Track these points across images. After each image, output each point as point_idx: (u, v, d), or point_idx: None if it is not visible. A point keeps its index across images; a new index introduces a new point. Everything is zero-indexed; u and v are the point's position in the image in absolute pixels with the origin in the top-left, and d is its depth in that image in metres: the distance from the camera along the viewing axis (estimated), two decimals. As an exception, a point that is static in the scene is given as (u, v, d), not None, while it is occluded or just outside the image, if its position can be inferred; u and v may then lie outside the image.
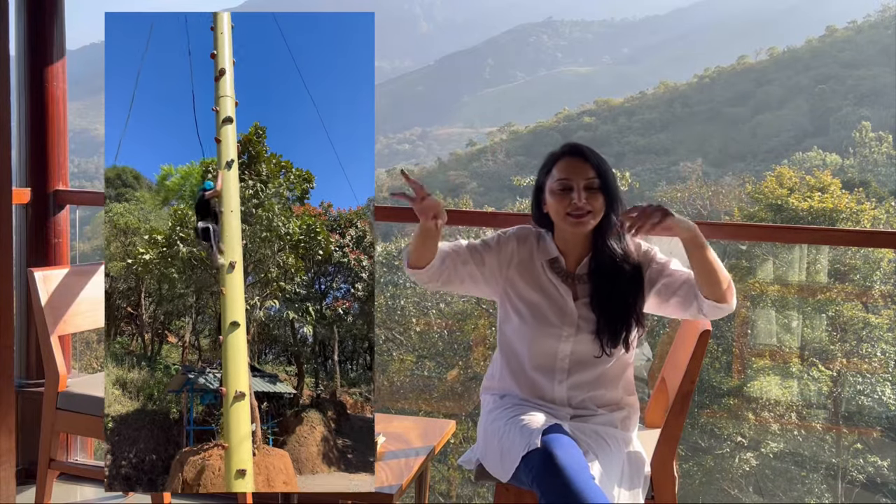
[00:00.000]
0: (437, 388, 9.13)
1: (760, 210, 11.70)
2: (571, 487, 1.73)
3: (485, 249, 2.14)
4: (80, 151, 77.33)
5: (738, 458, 8.40)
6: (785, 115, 51.70)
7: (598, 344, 2.06)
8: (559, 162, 2.07)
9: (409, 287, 9.72)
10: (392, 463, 2.20)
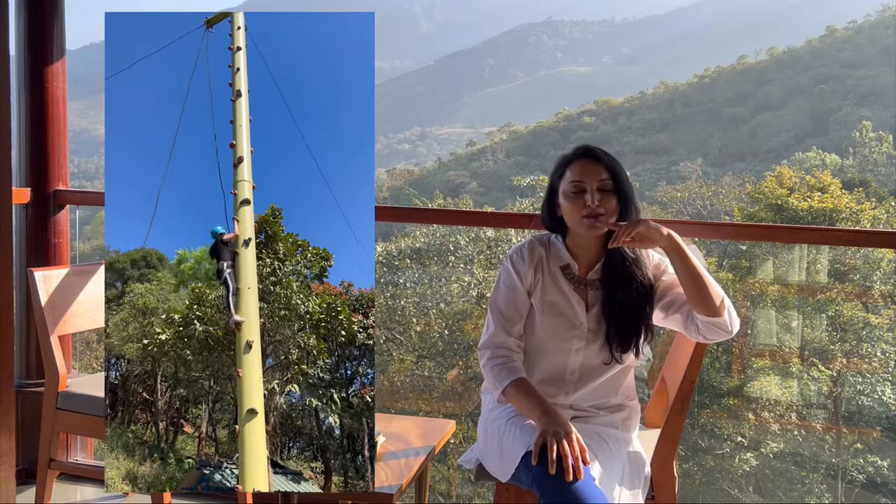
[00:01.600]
0: (437, 388, 9.13)
1: (760, 210, 11.70)
2: (571, 487, 1.73)
3: (517, 303, 2.08)
4: (80, 151, 77.33)
5: (738, 458, 8.40)
6: (785, 115, 51.69)
7: (608, 351, 2.06)
8: (572, 164, 2.06)
9: (409, 287, 9.73)
10: (392, 463, 2.20)
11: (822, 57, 57.90)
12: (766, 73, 58.54)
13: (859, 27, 61.15)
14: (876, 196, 15.12)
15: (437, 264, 9.78)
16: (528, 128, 59.82)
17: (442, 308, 9.48)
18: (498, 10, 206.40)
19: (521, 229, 7.55)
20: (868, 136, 36.48)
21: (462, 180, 46.64)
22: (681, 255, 1.93)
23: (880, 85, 50.44)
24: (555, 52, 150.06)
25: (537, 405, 1.91)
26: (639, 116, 56.09)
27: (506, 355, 2.04)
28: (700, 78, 62.02)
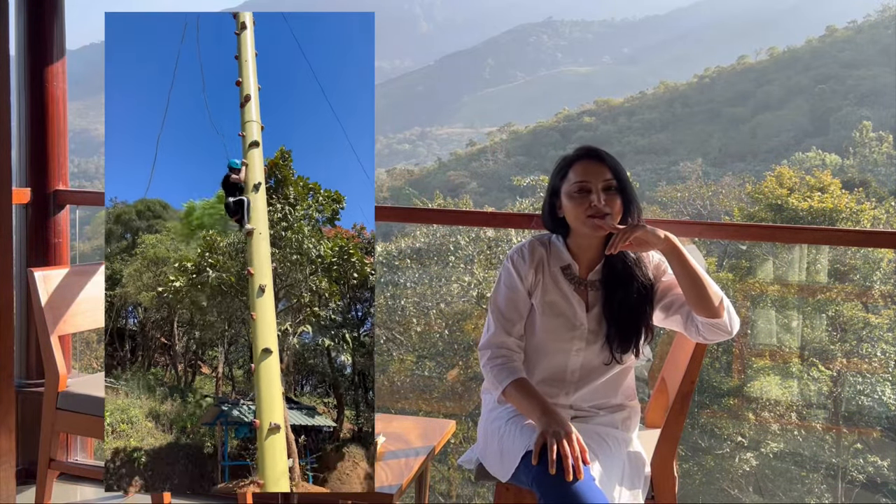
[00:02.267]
0: (437, 388, 9.13)
1: (760, 210, 11.69)
2: (571, 488, 1.73)
3: (518, 303, 2.08)
4: (80, 151, 77.34)
5: (738, 458, 8.40)
6: (785, 115, 51.69)
7: (608, 351, 2.06)
8: (575, 165, 2.05)
9: (409, 287, 9.73)
10: (392, 463, 2.20)
11: (822, 57, 57.90)
12: (766, 73, 58.54)
13: (859, 27, 61.15)
14: (876, 196, 15.11)
15: (437, 264, 9.78)
16: (528, 128, 59.82)
17: (442, 308, 9.48)
18: (498, 10, 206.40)
19: (521, 229, 7.55)
20: (868, 136, 36.49)
21: (462, 180, 46.64)
22: (679, 258, 1.93)
23: (880, 85, 50.44)
24: (555, 52, 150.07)
25: (537, 405, 1.91)
26: (639, 116, 56.09)
27: (506, 355, 2.04)
28: (700, 78, 62.04)
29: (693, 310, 1.96)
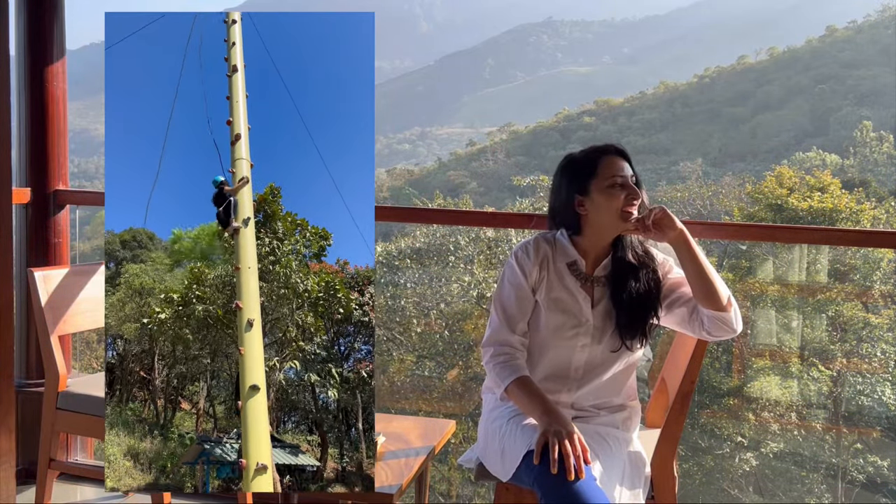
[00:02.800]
0: (437, 388, 9.13)
1: (760, 210, 11.69)
2: (572, 487, 1.73)
3: (521, 300, 2.09)
4: (80, 151, 77.33)
5: (738, 458, 8.39)
6: (785, 115, 51.68)
7: (618, 338, 2.06)
8: (603, 160, 2.07)
9: (409, 287, 9.72)
10: (392, 463, 2.20)
11: (822, 57, 57.88)
12: (766, 73, 58.53)
13: (859, 27, 61.14)
14: (876, 196, 15.11)
15: (437, 264, 9.78)
16: (528, 128, 59.80)
17: (442, 308, 9.48)
18: (498, 10, 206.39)
19: (521, 229, 7.55)
20: (868, 136, 36.48)
21: (462, 180, 46.62)
22: (689, 250, 1.96)
23: (880, 85, 50.43)
24: (555, 52, 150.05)
25: (539, 404, 1.91)
26: (639, 116, 56.08)
27: (509, 353, 2.04)
28: (700, 78, 62.02)
29: (700, 303, 1.97)
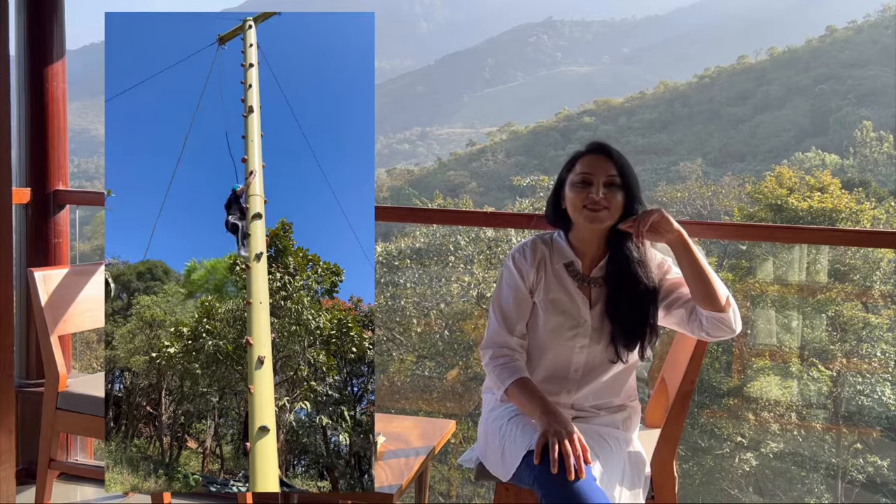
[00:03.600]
0: (437, 388, 9.13)
1: (760, 210, 11.69)
2: (572, 487, 1.73)
3: (519, 302, 2.09)
4: (80, 151, 77.36)
5: (738, 458, 8.39)
6: (785, 115, 51.69)
7: (613, 350, 2.06)
8: (583, 158, 2.07)
9: (409, 287, 9.72)
10: (392, 463, 2.20)
11: (822, 57, 57.92)
12: (766, 73, 58.55)
13: (859, 27, 61.16)
14: (876, 196, 15.11)
15: (437, 264, 9.78)
16: (528, 128, 59.82)
17: (442, 308, 9.48)
18: (498, 10, 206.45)
19: (521, 229, 7.55)
20: (868, 135, 36.49)
21: (462, 180, 46.64)
22: (687, 251, 1.95)
23: (880, 85, 50.46)
24: (555, 52, 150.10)
25: (539, 405, 1.91)
26: (639, 116, 56.10)
27: (508, 355, 2.04)
28: (700, 78, 62.04)
29: (699, 304, 1.96)
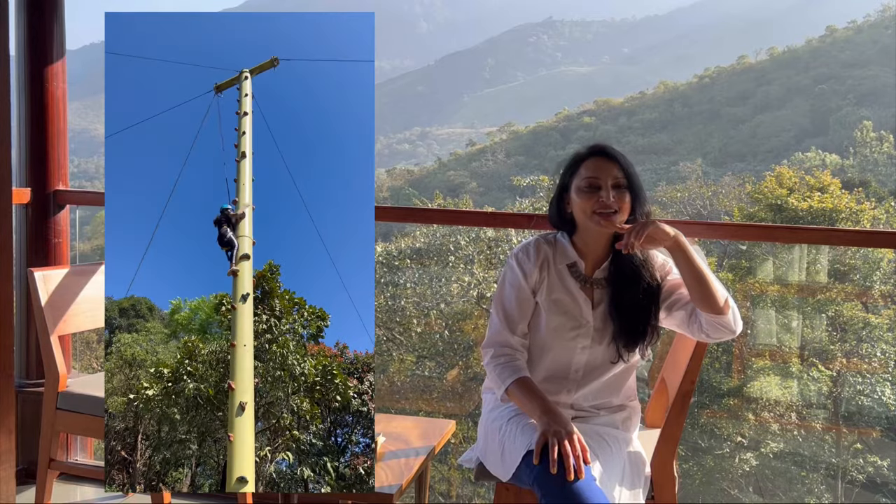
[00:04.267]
0: (437, 388, 9.13)
1: (760, 210, 11.68)
2: (572, 487, 1.73)
3: (522, 301, 2.08)
4: (80, 151, 77.35)
5: (738, 458, 8.39)
6: (785, 115, 51.68)
7: (615, 349, 2.06)
8: (586, 161, 2.06)
9: (409, 287, 9.72)
10: (392, 463, 2.20)
11: (822, 57, 57.90)
12: (766, 73, 58.54)
13: (859, 27, 61.14)
14: (876, 196, 15.10)
15: (437, 264, 9.77)
16: (528, 128, 59.81)
17: (442, 308, 9.48)
18: (498, 10, 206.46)
19: (521, 229, 7.54)
20: (868, 136, 36.48)
21: (462, 180, 46.63)
22: (685, 255, 1.94)
23: (880, 85, 50.45)
24: (555, 52, 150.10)
25: (539, 405, 1.91)
26: (639, 116, 56.10)
27: (509, 354, 2.04)
28: (700, 78, 62.03)
29: (698, 307, 1.96)
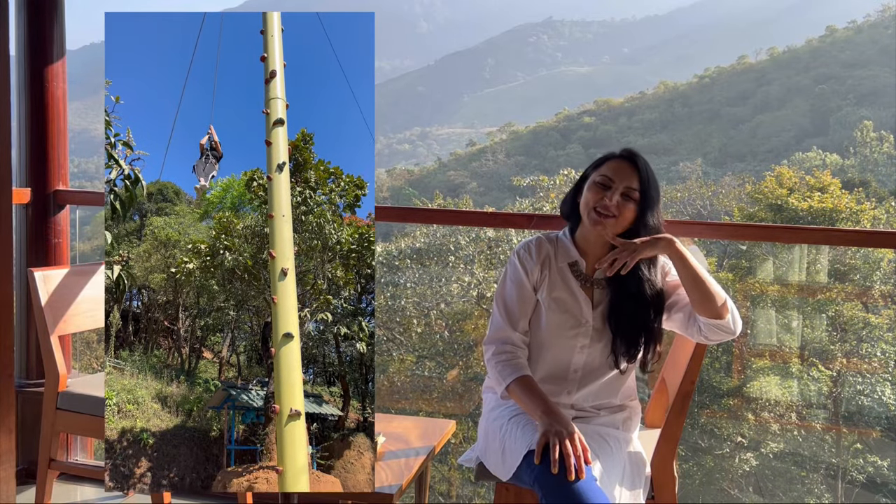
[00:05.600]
0: (437, 388, 9.13)
1: (760, 210, 11.69)
2: (573, 487, 1.73)
3: (523, 298, 2.09)
4: (80, 151, 77.28)
5: (738, 458, 8.40)
6: (785, 115, 51.68)
7: (613, 358, 2.06)
8: (611, 161, 2.07)
9: (409, 287, 9.72)
10: (392, 463, 2.20)
11: (822, 57, 57.90)
12: (766, 73, 58.55)
13: (859, 27, 61.13)
14: (876, 196, 15.11)
15: (437, 264, 9.77)
16: (528, 128, 59.81)
17: (442, 308, 9.48)
18: (498, 10, 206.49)
19: (521, 229, 7.55)
20: (868, 136, 36.48)
21: (462, 180, 46.63)
22: (680, 260, 1.94)
23: (880, 85, 50.45)
24: (555, 52, 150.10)
25: (540, 404, 1.91)
26: (639, 116, 56.11)
27: (510, 351, 2.04)
28: (700, 78, 62.03)
29: (696, 311, 1.96)
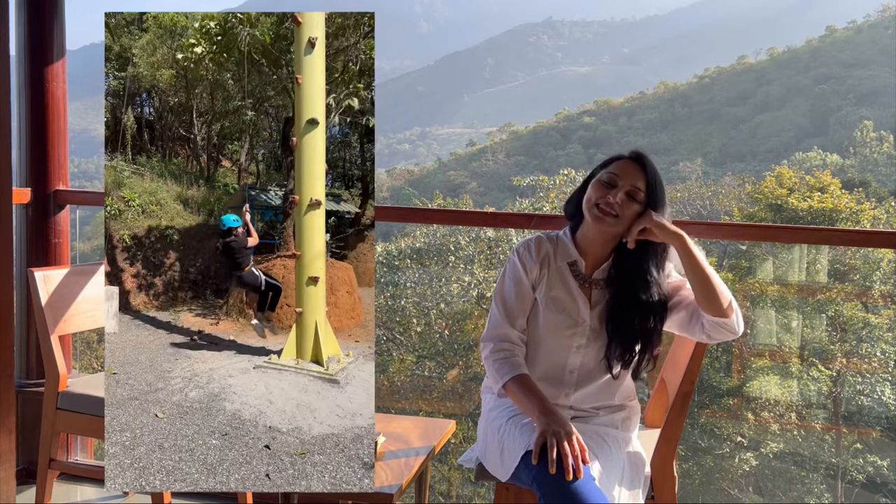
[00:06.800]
0: (437, 388, 9.13)
1: (760, 210, 11.69)
2: (571, 487, 1.73)
3: (522, 296, 2.09)
4: (80, 151, 77.25)
5: (738, 458, 8.40)
6: (785, 115, 51.69)
7: (606, 363, 2.05)
8: (619, 161, 2.07)
9: (409, 287, 9.72)
10: (392, 463, 2.20)
11: (822, 57, 57.91)
12: (766, 73, 58.57)
13: (859, 27, 61.15)
14: (876, 196, 15.10)
15: (437, 264, 9.77)
16: (528, 128, 59.83)
17: (442, 308, 9.48)
18: (498, 10, 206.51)
19: (522, 229, 7.54)
20: (868, 136, 36.49)
21: (462, 180, 46.64)
22: (688, 255, 1.93)
23: (880, 85, 50.47)
24: (555, 52, 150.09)
25: (538, 404, 1.91)
26: (639, 116, 56.12)
27: (508, 349, 2.04)
28: (700, 78, 62.05)
29: (702, 308, 1.96)
